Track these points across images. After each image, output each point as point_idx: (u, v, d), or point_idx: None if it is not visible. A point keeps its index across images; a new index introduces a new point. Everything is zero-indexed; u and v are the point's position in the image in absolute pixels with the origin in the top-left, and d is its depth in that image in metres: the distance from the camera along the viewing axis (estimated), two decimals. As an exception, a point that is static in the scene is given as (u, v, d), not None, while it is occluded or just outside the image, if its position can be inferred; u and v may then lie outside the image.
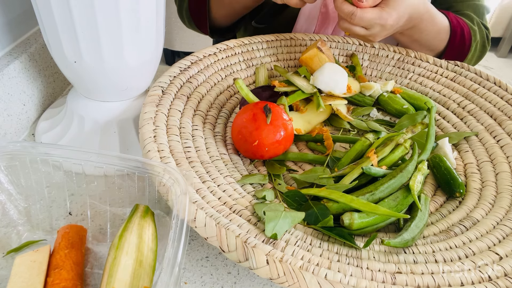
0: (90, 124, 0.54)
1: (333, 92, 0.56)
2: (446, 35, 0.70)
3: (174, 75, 0.55)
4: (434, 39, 0.70)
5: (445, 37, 0.70)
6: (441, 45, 0.72)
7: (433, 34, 0.68)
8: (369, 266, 0.38)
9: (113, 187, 0.43)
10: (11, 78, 0.54)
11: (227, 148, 0.51)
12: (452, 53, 0.72)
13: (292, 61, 0.67)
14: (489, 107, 0.60)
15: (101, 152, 0.39)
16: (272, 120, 0.47)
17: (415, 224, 0.42)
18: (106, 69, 0.49)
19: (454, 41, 0.71)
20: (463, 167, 0.54)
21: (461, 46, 0.72)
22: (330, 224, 0.41)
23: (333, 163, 0.51)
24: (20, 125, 0.57)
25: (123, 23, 0.46)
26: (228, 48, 0.63)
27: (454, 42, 0.71)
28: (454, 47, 0.71)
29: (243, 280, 0.43)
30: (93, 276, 0.40)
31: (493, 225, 0.44)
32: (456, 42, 0.71)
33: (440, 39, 0.70)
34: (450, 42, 0.71)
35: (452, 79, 0.66)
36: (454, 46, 0.71)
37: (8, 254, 0.40)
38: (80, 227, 0.42)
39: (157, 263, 0.38)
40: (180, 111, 0.51)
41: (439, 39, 0.70)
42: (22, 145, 0.39)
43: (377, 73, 0.70)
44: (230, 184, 0.45)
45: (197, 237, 0.47)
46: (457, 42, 0.71)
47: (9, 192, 0.41)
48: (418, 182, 0.45)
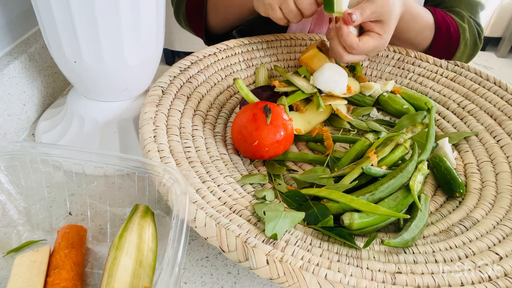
0: (90, 124, 0.54)
1: (333, 92, 0.56)
2: (430, 32, 0.70)
3: (174, 75, 0.55)
4: (416, 37, 0.70)
5: (428, 34, 0.70)
6: (425, 43, 0.72)
7: (415, 32, 0.68)
8: (369, 266, 0.38)
9: (113, 187, 0.43)
10: (11, 78, 0.54)
11: (227, 148, 0.51)
12: (438, 50, 0.72)
13: (292, 61, 0.67)
14: (489, 107, 0.60)
15: (101, 152, 0.39)
16: (272, 120, 0.47)
17: (415, 224, 0.42)
18: (106, 69, 0.49)
19: (439, 38, 0.71)
20: (463, 167, 0.54)
21: (448, 43, 0.72)
22: (330, 224, 0.41)
23: (333, 163, 0.51)
24: (20, 125, 0.57)
25: (123, 23, 0.46)
26: (228, 48, 0.63)
27: (439, 39, 0.71)
28: (440, 44, 0.71)
29: (243, 280, 0.43)
30: (93, 276, 0.40)
31: (493, 225, 0.44)
32: (442, 39, 0.71)
33: (422, 37, 0.70)
34: (435, 39, 0.71)
35: (452, 79, 0.66)
36: (439, 43, 0.71)
37: (8, 254, 0.40)
38: (80, 227, 0.42)
39: (157, 263, 0.38)
40: (180, 111, 0.51)
41: (422, 37, 0.70)
42: (22, 145, 0.39)
43: (377, 73, 0.70)
44: (230, 184, 0.45)
45: (197, 237, 0.47)
46: (442, 39, 0.71)
47: (9, 192, 0.41)
48: (418, 182, 0.45)
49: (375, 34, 0.56)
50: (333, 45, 0.57)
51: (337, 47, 0.56)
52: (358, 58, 0.57)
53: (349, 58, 0.57)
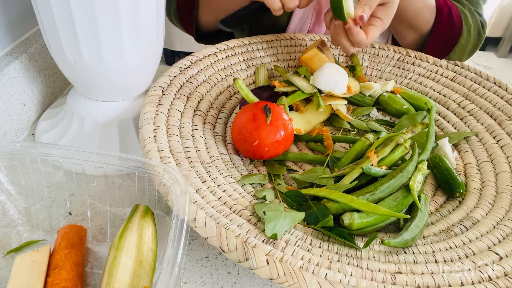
0: (90, 124, 0.54)
1: (333, 93, 0.56)
2: (431, 15, 0.69)
3: (174, 75, 0.55)
4: (416, 18, 0.68)
5: (429, 16, 0.69)
6: (426, 25, 0.70)
7: (415, 12, 0.67)
8: (369, 266, 0.38)
9: (113, 187, 0.43)
10: (11, 78, 0.54)
11: (227, 148, 0.51)
12: (440, 34, 0.70)
13: (292, 61, 0.67)
14: (489, 107, 0.60)
15: (101, 152, 0.39)
16: (272, 120, 0.47)
17: (415, 224, 0.42)
18: (106, 69, 0.49)
19: (441, 20, 0.69)
20: (463, 167, 0.54)
21: (450, 27, 0.70)
22: (330, 224, 0.41)
23: (333, 163, 0.51)
24: (20, 125, 0.57)
25: (123, 23, 0.46)
26: (228, 48, 0.63)
27: (442, 22, 0.69)
28: (442, 28, 0.69)
29: (243, 280, 0.43)
30: (93, 276, 0.40)
31: (493, 225, 0.44)
32: (444, 22, 0.69)
33: (422, 18, 0.69)
34: (437, 22, 0.69)
35: (452, 79, 0.66)
36: (441, 27, 0.69)
37: (8, 254, 0.40)
38: (80, 227, 0.42)
39: (157, 263, 0.38)
40: (180, 111, 0.51)
41: (422, 17, 0.68)
42: (22, 145, 0.39)
43: (377, 73, 0.70)
44: (230, 184, 0.45)
45: (197, 237, 0.47)
46: (444, 22, 0.69)
47: (9, 192, 0.41)
48: (418, 182, 0.45)
49: (378, 20, 0.55)
50: (340, 41, 0.57)
51: (346, 43, 0.57)
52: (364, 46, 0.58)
53: (355, 50, 0.58)
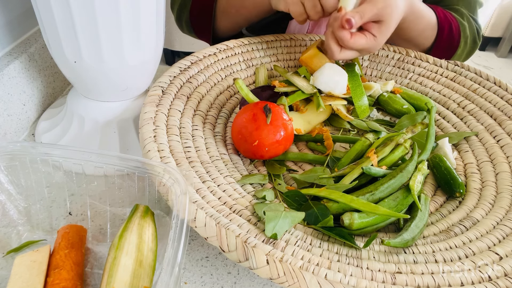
0: (90, 124, 0.54)
1: (333, 93, 0.56)
2: (432, 32, 0.70)
3: (174, 75, 0.55)
4: (419, 37, 0.70)
5: (431, 34, 0.70)
6: (427, 42, 0.72)
7: (418, 32, 0.68)
8: (369, 266, 0.38)
9: (113, 187, 0.43)
10: (11, 78, 0.54)
11: (227, 148, 0.51)
12: (440, 48, 0.72)
13: (292, 61, 0.67)
14: (489, 107, 0.60)
15: (101, 152, 0.39)
16: (272, 120, 0.47)
17: (415, 224, 0.42)
18: (106, 69, 0.49)
19: (441, 37, 0.71)
20: (463, 167, 0.54)
21: (450, 41, 0.72)
22: (330, 224, 0.41)
23: (333, 163, 0.51)
24: (20, 125, 0.57)
25: (123, 23, 0.46)
26: (228, 48, 0.63)
27: (442, 38, 0.71)
28: (442, 42, 0.71)
29: (243, 280, 0.43)
30: (93, 276, 0.40)
31: (493, 225, 0.44)
32: (444, 38, 0.71)
33: (425, 37, 0.70)
34: (438, 38, 0.71)
35: (452, 79, 0.66)
36: (441, 42, 0.71)
37: (8, 254, 0.40)
38: (80, 227, 0.42)
39: (157, 263, 0.38)
40: (180, 111, 0.51)
41: (424, 36, 0.70)
42: (22, 145, 0.39)
43: (377, 73, 0.70)
44: (230, 184, 0.45)
45: (197, 237, 0.47)
46: (444, 38, 0.71)
47: (9, 192, 0.41)
48: (418, 182, 0.45)
49: (370, 35, 0.55)
50: (327, 38, 0.56)
51: (330, 41, 0.55)
52: (350, 55, 0.56)
53: (341, 56, 0.56)
